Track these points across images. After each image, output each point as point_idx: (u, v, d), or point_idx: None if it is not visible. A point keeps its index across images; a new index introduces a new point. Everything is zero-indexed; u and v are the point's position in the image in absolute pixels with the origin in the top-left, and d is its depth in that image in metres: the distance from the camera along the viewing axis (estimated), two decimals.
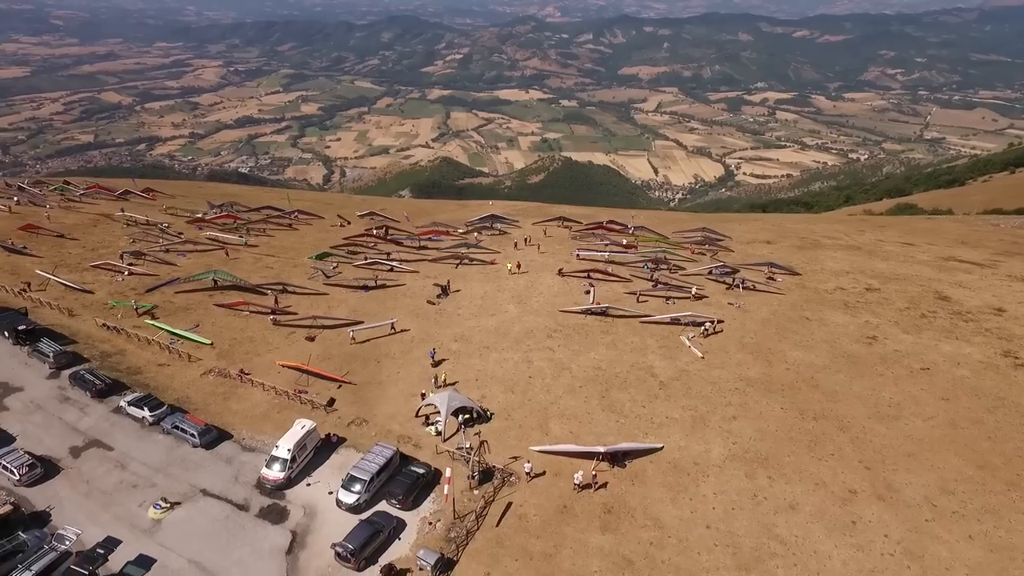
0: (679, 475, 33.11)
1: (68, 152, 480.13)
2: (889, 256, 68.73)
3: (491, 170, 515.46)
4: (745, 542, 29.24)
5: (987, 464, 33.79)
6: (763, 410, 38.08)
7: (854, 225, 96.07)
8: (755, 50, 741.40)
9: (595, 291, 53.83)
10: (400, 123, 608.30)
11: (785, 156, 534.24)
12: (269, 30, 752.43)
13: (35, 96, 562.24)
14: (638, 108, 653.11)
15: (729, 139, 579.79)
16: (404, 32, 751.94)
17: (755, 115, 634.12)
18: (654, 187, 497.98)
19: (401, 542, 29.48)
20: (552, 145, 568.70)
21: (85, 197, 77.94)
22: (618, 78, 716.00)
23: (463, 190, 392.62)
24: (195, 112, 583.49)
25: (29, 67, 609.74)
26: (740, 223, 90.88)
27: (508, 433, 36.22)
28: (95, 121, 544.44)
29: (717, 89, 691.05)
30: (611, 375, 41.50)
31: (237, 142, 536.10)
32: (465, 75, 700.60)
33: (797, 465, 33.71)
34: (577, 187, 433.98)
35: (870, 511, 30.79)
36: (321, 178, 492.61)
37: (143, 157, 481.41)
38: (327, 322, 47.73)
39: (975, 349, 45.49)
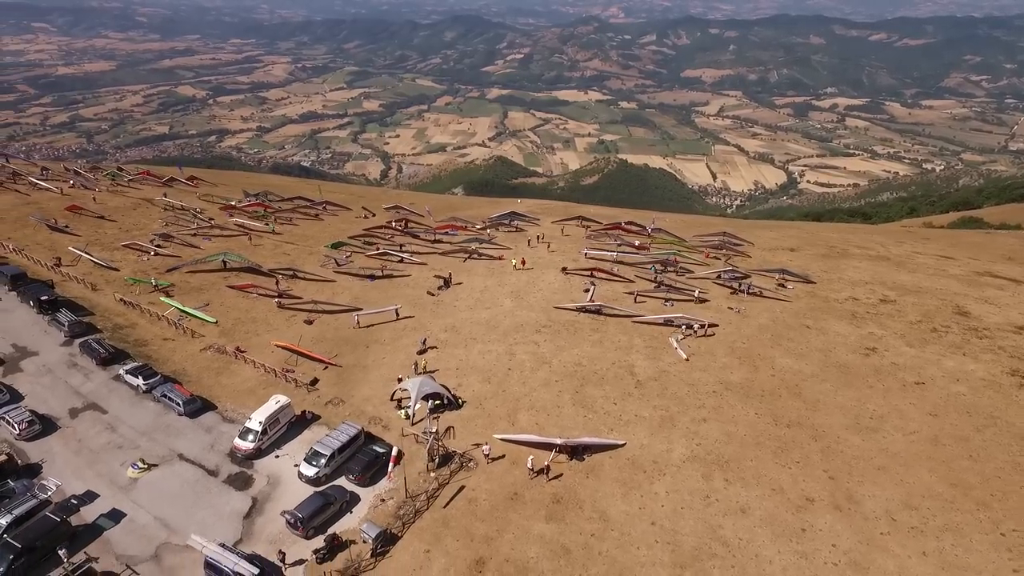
0: (635, 472, 33.29)
1: (145, 142, 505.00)
2: (918, 268, 66.28)
3: (545, 170, 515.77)
4: (687, 541, 29.27)
5: (961, 482, 32.67)
6: (736, 414, 37.74)
7: (894, 236, 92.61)
8: (826, 54, 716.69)
9: (595, 290, 54.04)
10: (458, 121, 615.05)
11: (853, 165, 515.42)
12: (337, 28, 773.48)
13: (119, 88, 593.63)
14: (699, 111, 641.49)
15: (793, 145, 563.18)
16: (467, 31, 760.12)
17: (823, 121, 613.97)
18: (711, 192, 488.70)
19: (352, 516, 30.78)
20: (609, 147, 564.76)
21: (133, 183, 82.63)
22: (680, 80, 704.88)
23: (515, 189, 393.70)
24: (263, 106, 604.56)
25: (115, 61, 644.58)
26: (771, 230, 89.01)
27: (476, 421, 37.08)
28: (171, 113, 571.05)
29: (784, 94, 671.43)
30: (590, 371, 41.81)
31: (301, 136, 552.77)
32: (525, 75, 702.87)
33: (757, 470, 33.38)
34: (631, 190, 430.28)
35: (823, 520, 30.30)
36: (379, 173, 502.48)
37: (213, 148, 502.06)
38: (328, 307, 49.58)
39: (980, 366, 43.70)
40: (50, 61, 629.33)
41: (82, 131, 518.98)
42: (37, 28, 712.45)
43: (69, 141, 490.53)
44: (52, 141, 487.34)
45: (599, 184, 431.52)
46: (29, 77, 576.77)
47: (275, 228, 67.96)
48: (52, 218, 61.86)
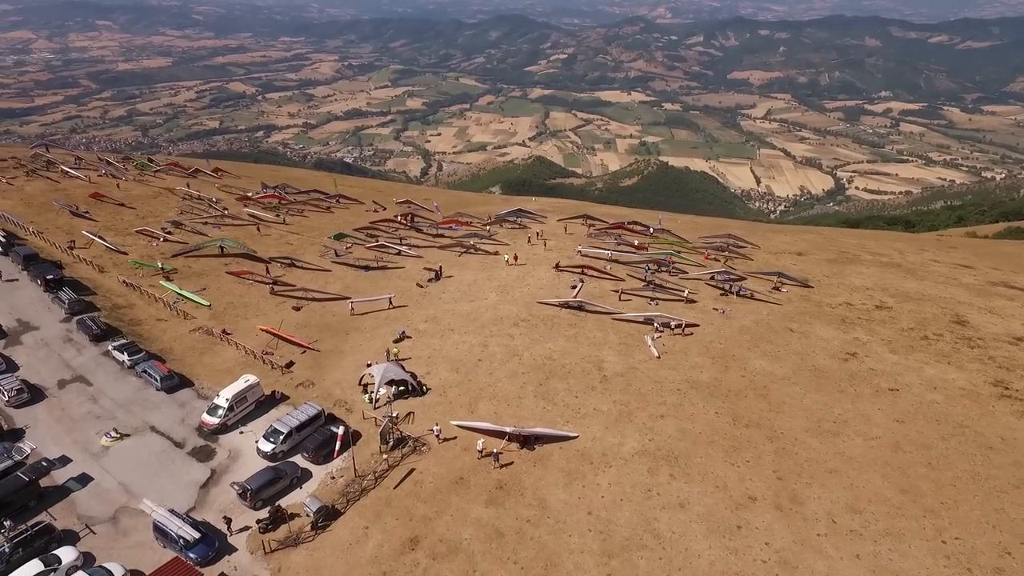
0: (582, 463, 33.81)
1: (196, 136, 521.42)
2: (929, 276, 64.68)
3: (585, 171, 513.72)
4: (620, 532, 29.70)
5: (912, 489, 32.25)
6: (695, 412, 37.86)
7: (919, 244, 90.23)
8: (882, 56, 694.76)
9: (583, 287, 54.53)
10: (499, 121, 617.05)
11: (906, 171, 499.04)
12: (383, 27, 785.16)
13: (174, 84, 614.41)
14: (745, 114, 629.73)
15: (843, 150, 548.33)
16: (511, 31, 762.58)
17: (875, 126, 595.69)
18: (754, 197, 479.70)
19: (302, 491, 32.13)
20: (650, 149, 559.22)
21: (160, 173, 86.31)
22: (726, 82, 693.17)
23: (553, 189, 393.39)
24: (309, 103, 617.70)
25: (171, 58, 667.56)
26: (785, 234, 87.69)
27: (437, 408, 38.10)
28: (222, 108, 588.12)
29: (835, 97, 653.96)
30: (559, 365, 42.40)
31: (345, 133, 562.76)
32: (568, 75, 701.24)
33: (705, 467, 33.53)
34: (670, 193, 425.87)
35: (762, 519, 30.35)
36: (419, 171, 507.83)
37: (260, 143, 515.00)
38: (317, 295, 51.32)
39: (963, 375, 42.74)
40: (111, 57, 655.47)
41: (138, 125, 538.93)
42: (101, 25, 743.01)
43: (126, 134, 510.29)
44: (110, 134, 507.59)
45: (638, 186, 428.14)
46: (91, 72, 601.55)
47: (285, 219, 70.21)
48: (74, 204, 65.31)
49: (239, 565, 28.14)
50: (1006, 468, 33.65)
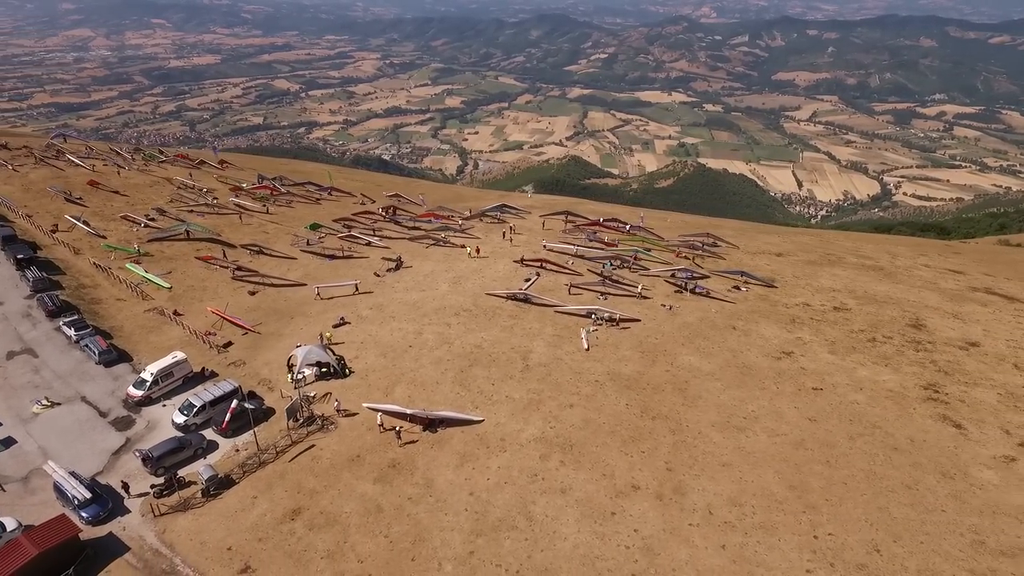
0: (479, 447, 34.69)
1: (241, 132, 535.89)
2: (905, 280, 63.32)
3: (621, 172, 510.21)
4: (495, 512, 30.52)
5: (801, 485, 32.20)
6: (606, 403, 38.31)
7: (920, 248, 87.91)
8: (937, 57, 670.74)
9: (537, 280, 55.26)
10: (537, 120, 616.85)
11: (958, 177, 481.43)
12: (426, 26, 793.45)
13: (221, 81, 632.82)
14: (789, 116, 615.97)
15: (891, 155, 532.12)
16: (552, 30, 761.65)
17: (927, 130, 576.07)
18: (795, 201, 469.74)
19: (206, 461, 33.82)
20: (689, 150, 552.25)
21: (165, 163, 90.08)
22: (771, 83, 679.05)
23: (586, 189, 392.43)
24: (350, 100, 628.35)
25: (220, 55, 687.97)
26: (776, 235, 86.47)
27: (355, 390, 39.44)
28: (266, 105, 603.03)
29: (885, 99, 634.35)
30: (486, 354, 43.28)
31: (384, 130, 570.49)
32: (608, 75, 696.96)
33: (598, 456, 34.04)
34: (707, 195, 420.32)
35: (638, 507, 30.77)
36: (455, 169, 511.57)
37: (301, 140, 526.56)
38: (276, 281, 53.32)
39: (896, 377, 42.10)
40: (164, 54, 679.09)
41: (186, 120, 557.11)
42: (155, 24, 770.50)
43: (175, 129, 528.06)
44: (160, 128, 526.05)
45: (673, 188, 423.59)
46: (144, 69, 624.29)
47: (269, 209, 72.66)
48: (68, 190, 68.90)
49: (128, 526, 29.97)
50: (904, 469, 33.26)
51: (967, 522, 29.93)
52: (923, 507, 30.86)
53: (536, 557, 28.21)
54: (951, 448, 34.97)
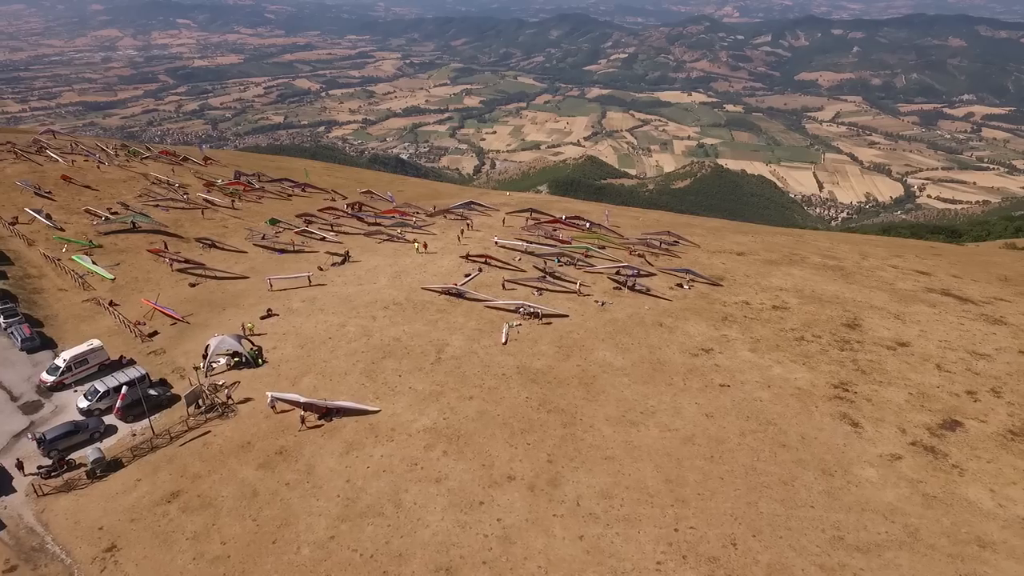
0: (367, 436, 35.32)
1: (261, 130, 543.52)
2: (860, 280, 62.57)
3: (639, 172, 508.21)
4: (366, 499, 31.12)
5: (678, 479, 32.33)
6: (506, 396, 38.71)
7: (895, 248, 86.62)
8: (966, 57, 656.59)
9: (477, 276, 55.80)
10: (555, 120, 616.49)
11: (985, 180, 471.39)
12: (446, 25, 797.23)
13: (244, 80, 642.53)
14: (811, 117, 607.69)
15: (916, 156, 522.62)
16: (572, 30, 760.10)
17: (954, 131, 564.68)
18: (815, 203, 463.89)
19: (102, 444, 34.93)
20: (708, 151, 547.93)
21: (147, 159, 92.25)
22: (793, 84, 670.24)
23: (602, 190, 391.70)
24: (370, 100, 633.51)
25: (243, 55, 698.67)
26: (746, 234, 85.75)
27: (264, 379, 40.32)
28: (287, 104, 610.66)
29: (911, 100, 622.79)
30: (402, 346, 43.93)
31: (402, 130, 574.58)
32: (627, 75, 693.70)
33: (483, 447, 34.46)
34: (724, 196, 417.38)
35: (507, 497, 31.15)
36: (472, 168, 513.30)
37: (321, 138, 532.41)
38: (218, 274, 54.57)
39: (810, 376, 41.87)
40: (188, 54, 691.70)
41: (209, 119, 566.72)
42: (181, 24, 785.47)
43: (197, 127, 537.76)
44: (183, 127, 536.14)
45: (690, 188, 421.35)
46: (169, 68, 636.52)
47: (234, 204, 74.11)
48: (38, 185, 71.03)
49: (10, 504, 31.12)
50: (786, 465, 33.19)
51: (832, 518, 29.82)
52: (793, 503, 30.80)
53: (394, 543, 28.75)
54: (840, 446, 34.76)
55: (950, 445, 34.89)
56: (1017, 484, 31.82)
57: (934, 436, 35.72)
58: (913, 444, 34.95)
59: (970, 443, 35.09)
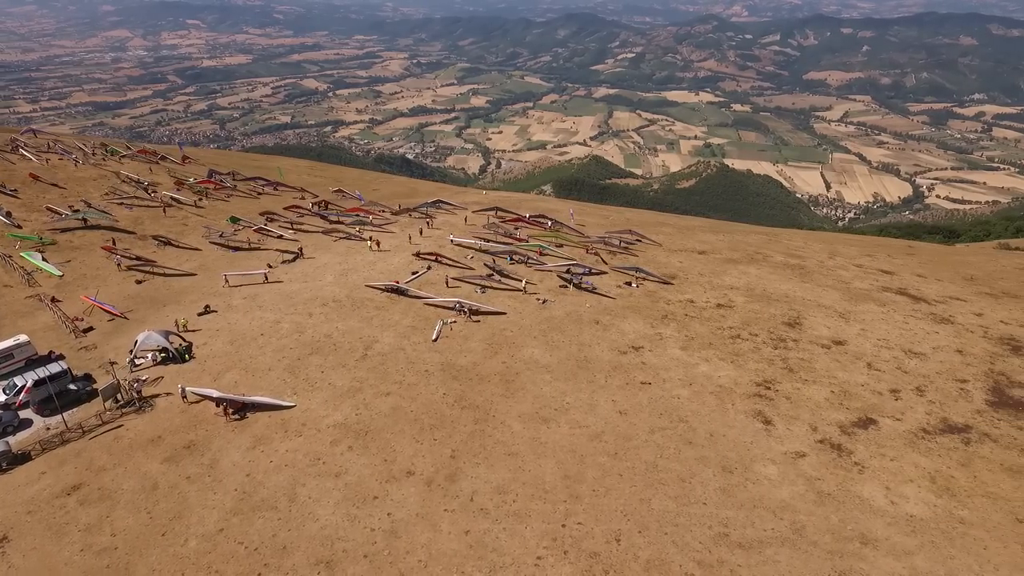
0: (277, 431, 35.62)
1: (269, 130, 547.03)
2: (817, 279, 62.23)
3: (645, 172, 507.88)
4: (261, 493, 31.40)
5: (576, 475, 32.40)
6: (423, 392, 38.90)
7: (866, 248, 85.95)
8: (977, 56, 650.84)
9: (424, 274, 56.08)
10: (561, 120, 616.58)
11: (995, 180, 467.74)
12: (454, 25, 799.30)
13: (252, 80, 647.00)
14: (820, 116, 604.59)
15: (925, 156, 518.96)
16: (580, 30, 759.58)
17: (964, 131, 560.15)
18: (822, 203, 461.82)
19: (15, 438, 35.45)
20: (715, 151, 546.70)
21: (125, 158, 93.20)
22: (802, 83, 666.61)
23: (606, 190, 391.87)
24: (377, 100, 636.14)
25: (252, 55, 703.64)
26: (715, 233, 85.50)
27: (187, 375, 40.72)
28: (294, 104, 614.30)
29: (921, 99, 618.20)
30: (331, 343, 44.25)
31: (408, 129, 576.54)
32: (635, 74, 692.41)
33: (389, 442, 34.67)
34: (729, 196, 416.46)
35: (403, 492, 31.34)
36: (477, 168, 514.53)
37: (327, 138, 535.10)
38: (166, 271, 55.20)
39: (735, 374, 41.79)
40: (197, 54, 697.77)
41: (217, 119, 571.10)
42: (190, 24, 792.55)
43: (205, 127, 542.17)
44: (191, 127, 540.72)
45: (695, 188, 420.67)
46: (178, 69, 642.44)
47: (196, 203, 74.79)
48: (3, 183, 71.92)
49: None
50: (688, 463, 33.18)
51: (722, 515, 29.78)
52: (687, 499, 30.79)
53: (280, 536, 29.00)
54: (747, 443, 34.68)
55: (858, 443, 34.72)
56: (914, 482, 31.64)
57: (845, 434, 35.55)
58: (821, 442, 34.81)
59: (879, 441, 34.89)
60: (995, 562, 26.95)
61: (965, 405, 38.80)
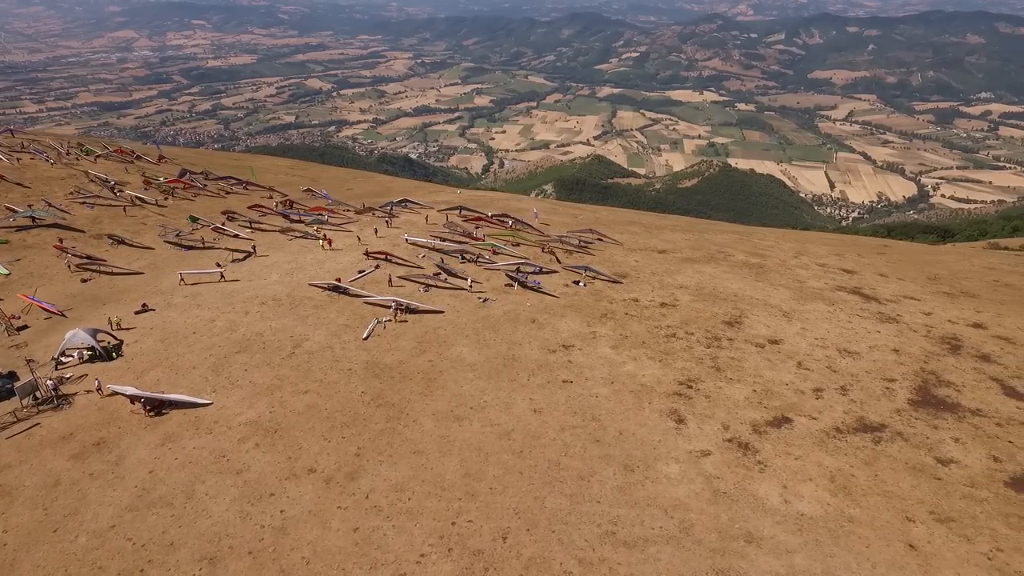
0: (189, 428, 35.76)
1: (273, 130, 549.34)
2: (772, 278, 62.08)
3: (648, 172, 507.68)
4: (161, 490, 31.53)
5: (476, 473, 32.42)
6: (341, 390, 39.00)
7: (837, 247, 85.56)
8: (984, 54, 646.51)
9: (370, 273, 56.24)
10: (565, 119, 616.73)
11: (1001, 179, 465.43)
12: (458, 25, 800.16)
13: (256, 80, 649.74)
14: (824, 116, 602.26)
15: (930, 155, 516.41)
16: (584, 29, 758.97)
17: (970, 130, 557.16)
18: (826, 203, 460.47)
19: None
20: (719, 150, 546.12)
21: (100, 158, 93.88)
22: (806, 82, 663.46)
23: (607, 189, 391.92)
24: (381, 99, 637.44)
25: (257, 55, 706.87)
26: (682, 232, 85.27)
27: (112, 372, 40.95)
28: (298, 104, 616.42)
29: (927, 98, 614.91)
30: (262, 341, 44.41)
31: (412, 129, 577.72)
32: (639, 74, 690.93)
33: (297, 440, 34.77)
34: (731, 195, 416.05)
35: (300, 489, 31.42)
36: (480, 168, 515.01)
37: (331, 138, 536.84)
38: (114, 270, 55.62)
39: (659, 372, 41.70)
40: (202, 55, 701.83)
41: (221, 119, 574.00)
42: (196, 25, 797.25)
43: (210, 127, 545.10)
44: (196, 127, 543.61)
45: (697, 188, 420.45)
46: (183, 69, 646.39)
47: (157, 201, 75.26)
48: None
49: None
50: (591, 461, 33.11)
51: (614, 513, 29.71)
52: (582, 498, 30.73)
53: (170, 533, 29.13)
54: (655, 442, 34.57)
55: (766, 442, 34.55)
56: (813, 481, 31.46)
57: (756, 433, 35.39)
58: (729, 441, 34.65)
59: (788, 440, 34.72)
60: (874, 560, 26.75)
61: (887, 404, 38.54)
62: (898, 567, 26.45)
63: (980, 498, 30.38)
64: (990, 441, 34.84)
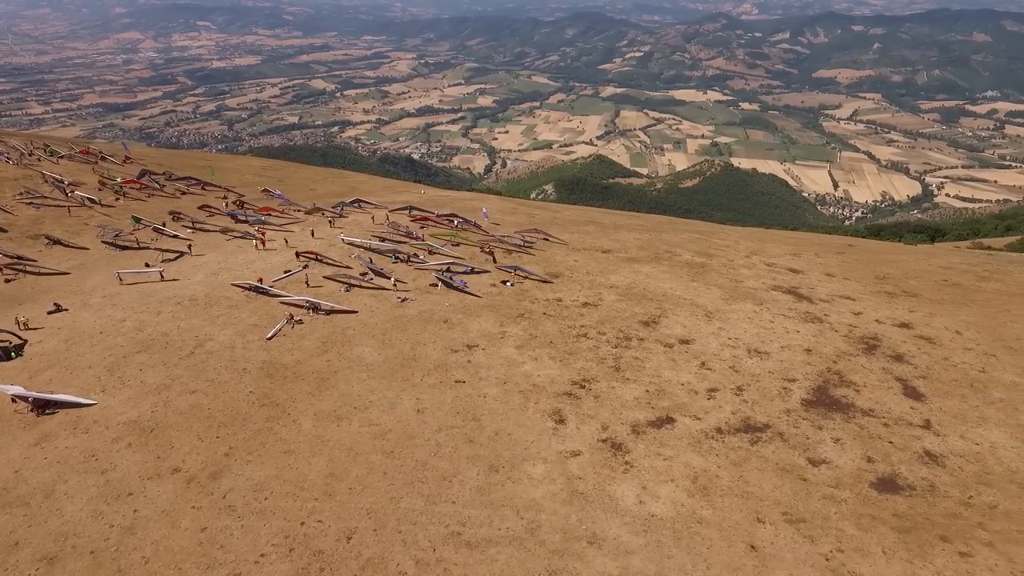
0: (67, 428, 35.77)
1: (276, 131, 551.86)
2: (706, 278, 61.38)
3: (651, 171, 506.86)
4: (21, 489, 31.50)
5: (340, 473, 32.30)
6: (229, 390, 38.93)
7: (795, 246, 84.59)
8: (991, 52, 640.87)
9: (298, 273, 56.26)
10: (568, 119, 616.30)
11: (1007, 178, 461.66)
12: (462, 25, 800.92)
13: (260, 81, 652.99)
14: (828, 115, 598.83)
15: (935, 154, 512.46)
16: (588, 29, 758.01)
17: (976, 128, 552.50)
18: (829, 202, 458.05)
19: None
20: (722, 150, 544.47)
21: (63, 158, 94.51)
22: (811, 81, 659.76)
23: (608, 189, 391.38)
24: (384, 100, 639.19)
25: (261, 56, 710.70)
26: (633, 232, 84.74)
27: (7, 372, 41.07)
28: (302, 104, 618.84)
29: (932, 97, 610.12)
30: (165, 340, 44.41)
31: (415, 129, 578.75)
32: (642, 73, 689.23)
33: (171, 439, 34.71)
34: (733, 195, 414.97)
35: (160, 489, 31.35)
36: (483, 168, 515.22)
37: (334, 139, 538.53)
38: (39, 270, 55.89)
39: (556, 372, 41.39)
40: (207, 56, 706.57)
41: (225, 119, 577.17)
42: (201, 26, 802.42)
43: (214, 128, 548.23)
44: (199, 128, 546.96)
45: (699, 187, 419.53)
46: (188, 70, 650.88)
47: (102, 201, 75.63)
48: None
49: None
50: (458, 461, 32.87)
51: (464, 514, 29.46)
52: (438, 498, 30.50)
53: (18, 532, 29.12)
54: (529, 443, 34.28)
55: (641, 443, 34.17)
56: (674, 482, 31.08)
57: (634, 433, 35.02)
58: (604, 441, 34.31)
59: (664, 441, 34.33)
60: (711, 561, 26.36)
61: (778, 404, 38.07)
62: (733, 568, 26.05)
63: (839, 499, 29.90)
64: (871, 442, 34.31)
